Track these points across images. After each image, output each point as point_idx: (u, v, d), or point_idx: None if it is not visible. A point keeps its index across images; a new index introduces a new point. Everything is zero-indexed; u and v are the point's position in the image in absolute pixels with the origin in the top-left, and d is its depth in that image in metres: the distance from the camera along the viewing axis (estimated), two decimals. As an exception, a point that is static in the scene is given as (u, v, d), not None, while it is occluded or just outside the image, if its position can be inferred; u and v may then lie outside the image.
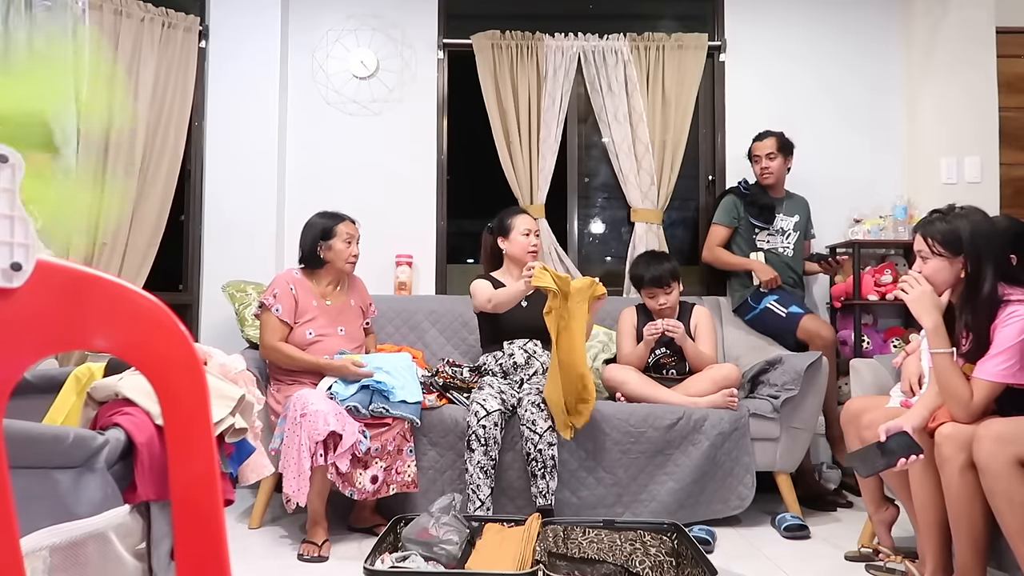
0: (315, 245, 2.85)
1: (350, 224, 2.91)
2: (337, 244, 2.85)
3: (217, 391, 1.46)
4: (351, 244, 2.88)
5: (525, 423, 2.66)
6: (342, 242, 2.85)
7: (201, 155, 3.70)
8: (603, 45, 3.84)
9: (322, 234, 2.85)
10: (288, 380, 2.76)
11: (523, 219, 3.07)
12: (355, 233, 2.91)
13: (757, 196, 3.48)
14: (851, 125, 3.90)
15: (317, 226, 2.87)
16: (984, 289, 1.96)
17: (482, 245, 3.23)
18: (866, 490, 2.41)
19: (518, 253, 3.03)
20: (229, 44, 3.71)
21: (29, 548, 1.00)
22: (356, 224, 2.94)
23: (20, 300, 0.57)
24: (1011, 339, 1.89)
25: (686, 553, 2.17)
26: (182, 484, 0.67)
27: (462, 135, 4.01)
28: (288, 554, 2.51)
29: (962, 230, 1.99)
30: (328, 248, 2.85)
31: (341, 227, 2.86)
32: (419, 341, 3.44)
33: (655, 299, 3.06)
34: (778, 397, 2.85)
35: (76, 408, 1.47)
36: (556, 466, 2.65)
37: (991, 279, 1.95)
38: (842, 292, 3.62)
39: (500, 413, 2.67)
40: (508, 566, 2.05)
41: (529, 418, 2.66)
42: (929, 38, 3.77)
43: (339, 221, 2.88)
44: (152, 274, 3.44)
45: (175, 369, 0.64)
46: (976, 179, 3.60)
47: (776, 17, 3.96)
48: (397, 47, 3.90)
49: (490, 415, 2.64)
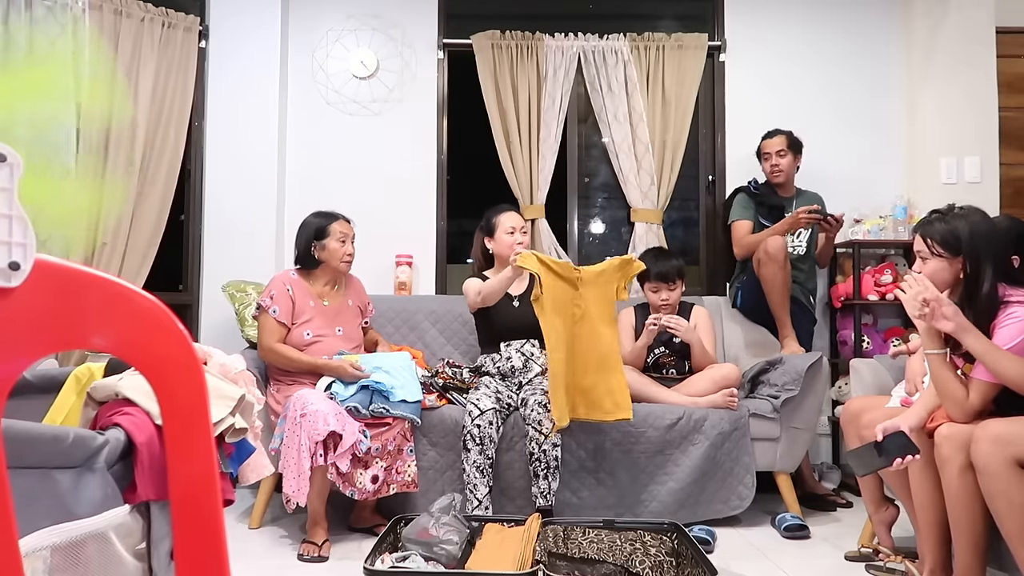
0: (309, 245, 2.85)
1: (344, 223, 2.90)
2: (331, 243, 2.84)
3: (217, 391, 1.46)
4: (345, 243, 2.87)
5: (530, 423, 2.66)
6: (336, 241, 2.85)
7: (201, 155, 3.70)
8: (603, 45, 3.84)
9: (316, 234, 2.85)
10: (288, 380, 2.76)
11: (507, 217, 3.02)
12: (349, 232, 2.90)
13: (766, 196, 3.46)
14: (851, 125, 3.90)
15: (311, 226, 2.87)
16: (983, 289, 1.95)
17: (473, 245, 3.21)
18: (866, 490, 2.40)
19: (503, 252, 2.99)
20: (229, 44, 3.71)
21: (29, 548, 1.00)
22: (351, 223, 2.93)
23: (18, 299, 0.57)
24: (1010, 339, 1.89)
25: (686, 553, 2.17)
26: (181, 484, 0.67)
27: (462, 135, 4.01)
28: (288, 554, 2.51)
29: (961, 230, 1.99)
30: (322, 248, 2.84)
31: (335, 226, 2.86)
32: (419, 341, 3.44)
33: (658, 294, 3.06)
34: (778, 397, 2.85)
35: (76, 408, 1.47)
36: (559, 467, 2.65)
37: (990, 279, 1.95)
38: (842, 292, 3.62)
39: (495, 412, 2.67)
40: (508, 566, 2.05)
41: (535, 418, 2.65)
42: (929, 38, 3.76)
43: (333, 220, 2.87)
44: (152, 274, 3.44)
45: (174, 368, 0.64)
46: (976, 179, 3.60)
47: (776, 17, 3.96)
48: (397, 47, 3.90)
49: (484, 414, 2.64)
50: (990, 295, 1.95)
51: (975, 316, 1.95)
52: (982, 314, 1.95)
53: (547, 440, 2.62)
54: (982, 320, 1.95)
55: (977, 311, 1.96)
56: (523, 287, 3.00)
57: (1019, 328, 1.89)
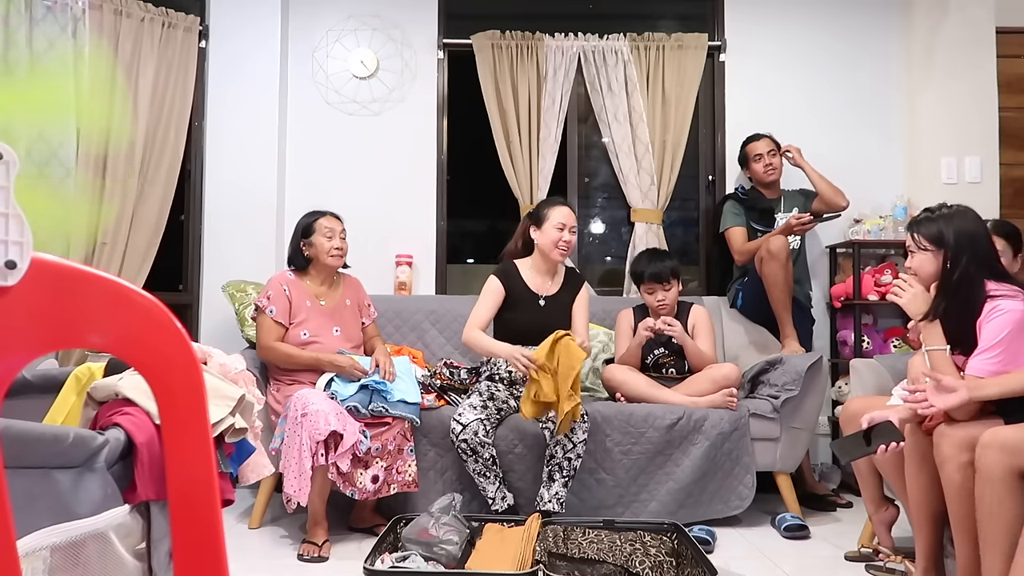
0: (298, 244, 2.87)
1: (331, 218, 2.90)
2: (318, 239, 2.84)
3: (217, 391, 1.46)
4: (333, 238, 2.86)
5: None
6: (323, 236, 2.84)
7: (201, 155, 3.70)
8: (603, 45, 3.84)
9: (303, 232, 2.87)
10: (288, 380, 2.76)
11: (560, 211, 2.83)
12: (336, 227, 2.89)
13: (755, 200, 3.51)
14: (851, 125, 3.90)
15: (299, 226, 2.90)
16: (963, 282, 1.98)
17: (517, 230, 3.06)
18: (866, 490, 2.41)
19: (547, 246, 2.82)
20: (229, 44, 3.71)
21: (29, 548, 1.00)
22: (340, 219, 2.93)
23: (15, 298, 0.57)
24: (997, 334, 1.91)
25: (686, 553, 2.17)
26: (179, 483, 0.67)
27: (462, 135, 4.01)
28: (288, 554, 2.51)
29: (945, 226, 2.03)
30: (310, 244, 2.85)
31: (321, 222, 2.86)
32: (419, 341, 3.44)
33: (653, 295, 3.05)
34: (778, 397, 2.85)
35: (76, 408, 1.47)
36: (575, 477, 2.63)
37: (969, 272, 1.98)
38: (842, 292, 3.61)
39: (480, 422, 2.61)
40: (508, 566, 2.05)
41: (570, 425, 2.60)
42: (929, 38, 3.76)
43: (318, 217, 2.88)
44: (152, 274, 3.44)
45: (172, 367, 0.64)
46: (976, 179, 3.60)
47: (776, 17, 3.96)
48: (397, 47, 3.90)
49: (466, 428, 2.59)
50: (972, 289, 1.97)
51: (954, 306, 1.97)
52: (964, 309, 1.97)
53: (573, 449, 2.59)
54: (964, 315, 1.97)
55: (954, 301, 1.98)
56: (555, 288, 2.91)
57: (1004, 321, 1.91)
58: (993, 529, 1.75)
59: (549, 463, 2.61)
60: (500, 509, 2.63)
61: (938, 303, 2.01)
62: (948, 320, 2.01)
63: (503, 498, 2.64)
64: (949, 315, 2.00)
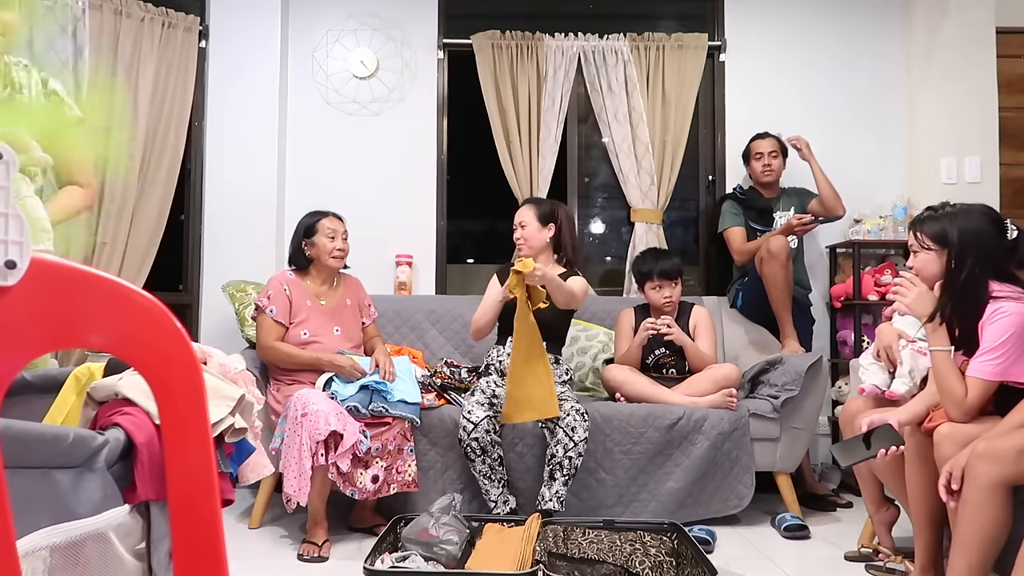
0: (300, 244, 2.87)
1: (333, 219, 2.90)
2: (320, 239, 2.84)
3: (216, 391, 1.46)
4: (335, 239, 2.86)
5: (563, 427, 2.59)
6: (325, 237, 2.85)
7: (201, 155, 3.70)
8: (603, 45, 3.84)
9: (305, 232, 2.87)
10: (287, 380, 2.76)
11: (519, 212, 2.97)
12: (339, 228, 2.89)
13: (753, 200, 3.51)
14: (851, 125, 3.90)
15: (301, 225, 2.90)
16: (967, 282, 1.96)
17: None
18: (866, 490, 2.40)
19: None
20: (229, 44, 3.71)
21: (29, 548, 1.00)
22: (342, 220, 2.93)
23: (15, 298, 0.57)
24: (999, 336, 1.90)
25: (686, 553, 2.17)
26: (179, 483, 0.67)
27: (462, 135, 4.01)
28: (288, 554, 2.51)
29: (949, 225, 2.02)
30: (311, 245, 2.85)
31: (323, 222, 2.87)
32: (419, 341, 3.44)
33: (661, 292, 3.05)
34: (778, 397, 2.85)
35: (76, 408, 1.47)
36: (575, 475, 2.63)
37: (974, 273, 1.96)
38: (842, 292, 3.61)
39: (490, 419, 2.63)
40: (508, 566, 2.05)
41: (570, 424, 2.59)
42: (929, 38, 3.76)
43: (321, 217, 2.88)
44: (152, 274, 3.44)
45: (171, 366, 0.64)
46: (976, 179, 3.60)
47: (776, 17, 3.96)
48: (397, 47, 3.90)
49: (478, 426, 2.60)
50: (975, 289, 1.96)
51: (960, 308, 1.96)
52: (968, 309, 1.96)
53: (574, 448, 2.58)
54: (968, 316, 1.96)
55: (960, 303, 1.97)
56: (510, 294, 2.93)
57: (1007, 323, 1.89)
58: (968, 531, 1.76)
59: (550, 462, 2.61)
60: (501, 512, 2.62)
61: (943, 304, 1.99)
62: (951, 321, 2.00)
63: (505, 502, 2.64)
64: (953, 316, 1.99)
